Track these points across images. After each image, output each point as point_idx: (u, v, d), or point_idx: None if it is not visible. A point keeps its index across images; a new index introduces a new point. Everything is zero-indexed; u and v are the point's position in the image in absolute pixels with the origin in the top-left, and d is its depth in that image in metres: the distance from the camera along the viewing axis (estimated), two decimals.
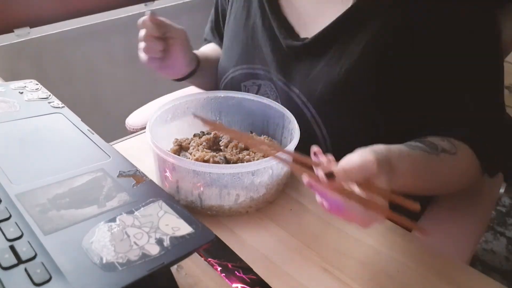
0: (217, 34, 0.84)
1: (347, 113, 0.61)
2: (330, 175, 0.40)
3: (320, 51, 0.61)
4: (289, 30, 0.65)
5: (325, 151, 0.63)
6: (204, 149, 0.57)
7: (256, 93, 0.69)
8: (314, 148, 0.43)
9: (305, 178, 0.39)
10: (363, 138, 0.55)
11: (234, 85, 0.71)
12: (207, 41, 0.88)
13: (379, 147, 0.44)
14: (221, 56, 0.77)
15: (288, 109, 0.61)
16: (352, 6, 0.58)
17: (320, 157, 0.42)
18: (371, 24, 0.57)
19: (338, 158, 0.58)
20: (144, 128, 0.55)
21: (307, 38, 0.63)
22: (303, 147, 0.64)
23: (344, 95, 0.59)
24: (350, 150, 0.45)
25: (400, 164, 0.46)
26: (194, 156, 0.56)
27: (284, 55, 0.65)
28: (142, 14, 0.62)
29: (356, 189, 0.40)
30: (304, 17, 0.65)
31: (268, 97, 0.66)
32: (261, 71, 0.68)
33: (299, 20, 0.65)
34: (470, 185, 0.59)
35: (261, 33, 0.68)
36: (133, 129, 0.87)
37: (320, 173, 0.41)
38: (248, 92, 0.69)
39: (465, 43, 0.55)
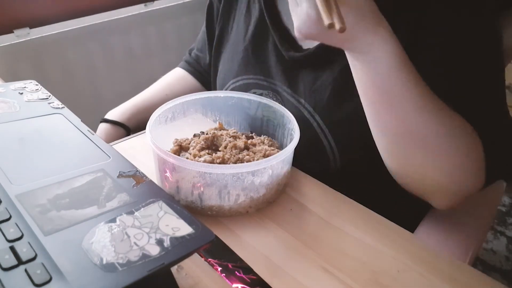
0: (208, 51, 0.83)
1: (354, 122, 0.59)
2: None
3: (325, 61, 0.60)
4: (291, 42, 0.65)
5: (333, 161, 0.62)
6: (203, 148, 0.57)
7: None
8: None
9: None
10: (370, 148, 0.55)
11: None
12: (191, 58, 0.87)
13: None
14: (221, 68, 0.76)
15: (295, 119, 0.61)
16: None
17: None
18: None
19: (347, 169, 0.55)
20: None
21: (310, 49, 0.62)
22: (309, 158, 0.63)
23: (351, 103, 0.58)
24: (358, 160, 0.43)
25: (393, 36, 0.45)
26: (190, 154, 0.56)
27: (288, 66, 0.65)
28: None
29: None
30: None
31: None
32: (264, 82, 0.68)
33: None
34: (465, 175, 0.53)
35: (264, 44, 0.68)
36: None
37: None
38: None
39: (466, 49, 0.53)
